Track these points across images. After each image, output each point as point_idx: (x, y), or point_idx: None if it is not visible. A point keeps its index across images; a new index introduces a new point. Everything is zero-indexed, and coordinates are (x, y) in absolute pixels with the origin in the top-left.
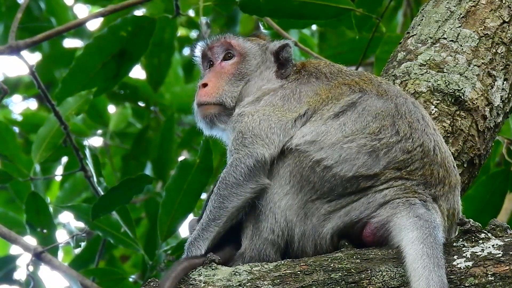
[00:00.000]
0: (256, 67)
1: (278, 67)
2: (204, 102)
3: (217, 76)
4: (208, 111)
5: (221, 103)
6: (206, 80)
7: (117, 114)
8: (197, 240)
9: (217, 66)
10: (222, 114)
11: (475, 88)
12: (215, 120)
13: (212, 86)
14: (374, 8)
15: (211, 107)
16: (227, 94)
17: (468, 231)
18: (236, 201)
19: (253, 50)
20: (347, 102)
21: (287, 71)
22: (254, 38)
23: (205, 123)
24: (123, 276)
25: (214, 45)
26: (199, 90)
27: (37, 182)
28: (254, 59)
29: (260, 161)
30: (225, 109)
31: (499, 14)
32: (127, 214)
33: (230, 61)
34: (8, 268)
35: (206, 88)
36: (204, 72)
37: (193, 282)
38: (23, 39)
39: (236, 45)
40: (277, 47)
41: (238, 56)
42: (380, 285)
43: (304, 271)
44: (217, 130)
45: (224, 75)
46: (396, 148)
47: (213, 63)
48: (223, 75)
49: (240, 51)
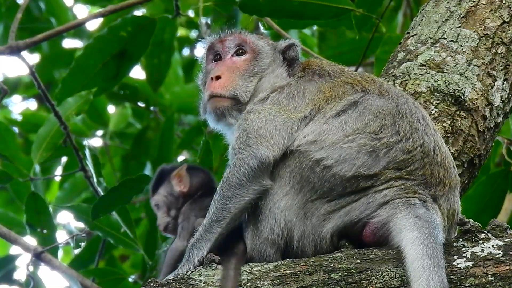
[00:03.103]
0: (269, 65)
1: (287, 66)
2: (217, 94)
3: (230, 70)
4: (221, 104)
5: (235, 97)
6: (219, 72)
7: (117, 114)
8: (199, 242)
9: (227, 60)
10: (234, 108)
11: (475, 88)
12: (226, 113)
13: (226, 79)
14: (374, 8)
15: (224, 100)
16: (241, 88)
17: (468, 231)
18: (239, 202)
19: (266, 49)
20: (350, 101)
21: (294, 70)
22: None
23: (215, 115)
24: (123, 276)
25: (226, 39)
26: (212, 82)
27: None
28: (266, 58)
29: (264, 163)
30: (237, 103)
31: (499, 14)
32: (127, 214)
33: (243, 57)
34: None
35: (220, 81)
36: (209, 65)
37: (193, 282)
38: (23, 40)
39: (250, 41)
40: (284, 46)
41: (251, 52)
42: (380, 285)
43: (304, 271)
44: (223, 124)
45: (237, 70)
46: (396, 148)
47: (221, 57)
48: (236, 70)
49: (254, 48)
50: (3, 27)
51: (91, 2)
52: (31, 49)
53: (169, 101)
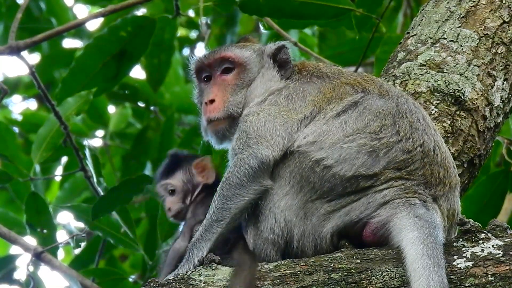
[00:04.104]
0: (258, 72)
1: (278, 69)
2: (214, 119)
3: (221, 89)
4: (219, 126)
5: (230, 116)
6: (211, 96)
7: (117, 114)
8: (199, 241)
9: (217, 79)
10: (232, 125)
11: (475, 88)
12: (227, 133)
13: (219, 101)
14: (374, 8)
15: (221, 122)
16: (233, 104)
17: (468, 231)
18: (239, 202)
19: (252, 57)
20: (350, 101)
21: (287, 72)
22: (247, 43)
23: (217, 138)
24: (123, 276)
25: (211, 60)
26: (207, 107)
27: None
28: (254, 66)
29: (265, 163)
30: (234, 119)
31: (499, 14)
32: (127, 214)
33: (231, 73)
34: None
35: (214, 104)
36: (202, 86)
37: (193, 282)
38: (23, 39)
39: (234, 56)
40: (274, 49)
41: (238, 66)
42: (380, 285)
43: (304, 271)
44: (228, 142)
45: (228, 87)
46: (396, 148)
47: (211, 76)
48: (227, 87)
49: (239, 61)
50: (3, 27)
51: (91, 2)
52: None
53: (169, 101)
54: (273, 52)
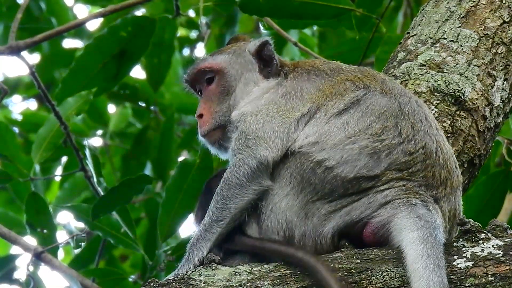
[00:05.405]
0: (239, 74)
1: (263, 66)
2: (205, 132)
3: (207, 102)
4: (213, 138)
5: (219, 126)
6: (200, 110)
7: (117, 114)
8: (199, 241)
9: (205, 91)
10: (226, 133)
11: (475, 88)
12: (222, 142)
13: (206, 113)
14: (374, 8)
15: (213, 133)
16: (220, 114)
17: (468, 231)
18: (238, 202)
19: (228, 61)
20: (352, 98)
21: (272, 69)
22: (228, 46)
23: (216, 148)
24: (123, 276)
25: (193, 77)
26: (198, 122)
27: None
28: (232, 69)
29: (263, 163)
30: (225, 127)
31: (499, 14)
32: (127, 214)
33: (213, 83)
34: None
35: (204, 118)
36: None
37: (193, 282)
38: (23, 39)
39: (209, 65)
40: (257, 46)
41: (217, 74)
42: (380, 285)
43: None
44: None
45: (213, 97)
46: (398, 150)
47: (202, 89)
48: (213, 97)
49: (215, 69)
50: (3, 27)
51: (91, 2)
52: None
53: (169, 101)
54: (256, 49)
